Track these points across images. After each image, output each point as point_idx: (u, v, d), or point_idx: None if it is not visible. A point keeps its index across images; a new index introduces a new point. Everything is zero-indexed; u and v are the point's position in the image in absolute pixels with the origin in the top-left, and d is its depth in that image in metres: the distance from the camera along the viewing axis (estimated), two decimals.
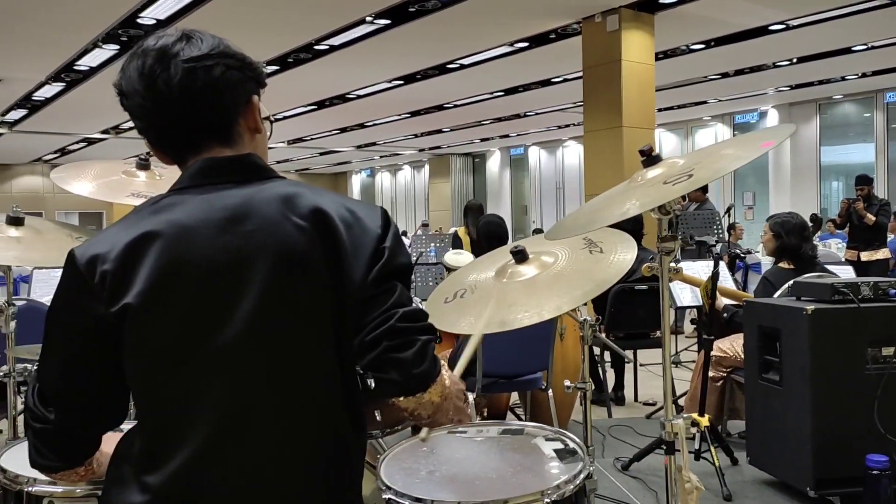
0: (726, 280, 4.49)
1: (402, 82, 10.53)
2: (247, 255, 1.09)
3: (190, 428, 1.07)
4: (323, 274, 1.11)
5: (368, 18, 7.42)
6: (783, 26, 8.14)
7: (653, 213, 1.48)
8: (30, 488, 1.46)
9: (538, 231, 14.35)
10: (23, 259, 1.80)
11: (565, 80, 10.54)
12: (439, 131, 15.90)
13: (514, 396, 4.34)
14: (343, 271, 1.11)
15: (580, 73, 7.88)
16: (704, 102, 13.27)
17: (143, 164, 2.01)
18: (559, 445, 1.63)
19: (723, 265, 4.04)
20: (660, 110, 11.13)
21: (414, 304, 1.16)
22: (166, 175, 2.03)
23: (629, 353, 4.90)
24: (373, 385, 1.14)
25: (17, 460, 1.57)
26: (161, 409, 1.10)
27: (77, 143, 15.69)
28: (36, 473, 1.49)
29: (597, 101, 7.61)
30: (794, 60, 10.04)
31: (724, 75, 10.84)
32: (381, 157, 21.39)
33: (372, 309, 1.12)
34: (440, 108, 12.78)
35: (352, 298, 1.11)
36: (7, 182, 19.74)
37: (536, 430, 1.73)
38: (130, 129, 13.26)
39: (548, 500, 1.40)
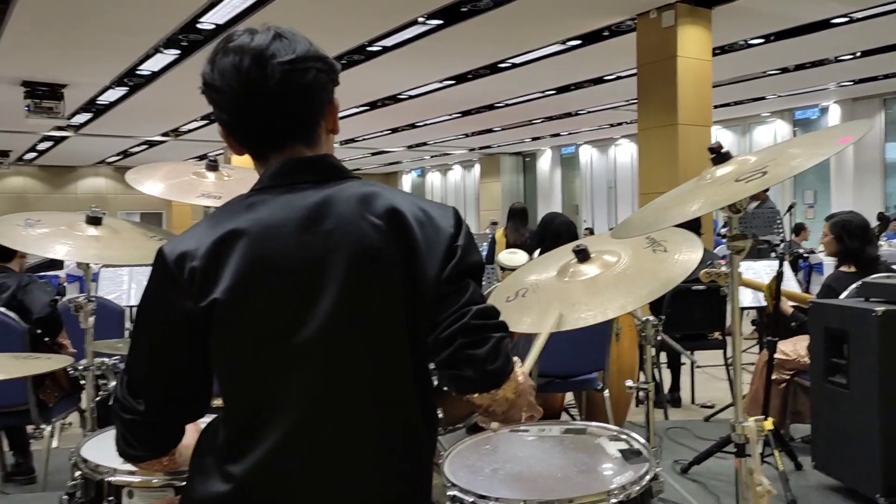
0: (789, 281, 4.38)
1: (453, 82, 10.56)
2: (325, 253, 1.12)
3: (272, 420, 1.10)
4: (398, 272, 1.13)
5: (420, 19, 7.47)
6: (846, 19, 7.88)
7: (722, 211, 1.46)
8: (110, 478, 1.52)
9: (590, 231, 14.20)
10: (102, 257, 1.88)
11: (618, 78, 10.41)
12: (490, 131, 15.88)
13: (569, 396, 4.32)
14: (417, 270, 1.13)
15: (634, 71, 7.78)
16: (763, 98, 12.95)
17: (212, 166, 2.07)
18: (624, 445, 1.62)
19: (786, 265, 3.93)
20: (716, 107, 10.90)
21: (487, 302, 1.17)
22: (234, 176, 2.08)
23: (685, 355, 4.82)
24: (436, 382, 1.16)
25: (97, 450, 1.64)
26: (244, 402, 1.13)
27: (138, 145, 16.19)
28: (116, 463, 1.55)
29: (651, 98, 7.49)
30: (858, 54, 9.71)
31: (784, 70, 10.55)
32: (431, 156, 21.48)
33: (446, 307, 1.14)
34: (491, 107, 12.78)
35: (425, 296, 1.14)
36: (72, 183, 20.50)
37: (600, 430, 1.72)
38: (189, 131, 13.65)
39: (614, 501, 1.39)
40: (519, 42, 8.53)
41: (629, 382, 1.91)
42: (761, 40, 8.70)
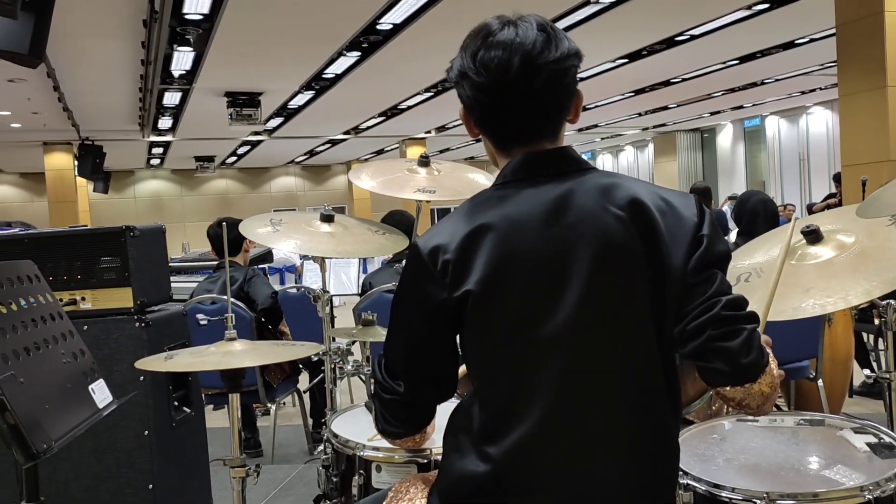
0: None
1: (626, 60, 10.23)
2: (570, 246, 1.14)
3: (526, 406, 1.15)
4: (642, 263, 1.14)
5: None
6: None
7: None
8: (360, 453, 1.65)
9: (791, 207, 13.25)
10: (337, 251, 2.05)
11: (812, 41, 9.57)
12: (664, 108, 15.22)
13: None
14: (661, 260, 1.13)
15: (831, 31, 7.12)
16: None
17: (424, 162, 2.18)
18: (871, 439, 1.51)
19: None
20: None
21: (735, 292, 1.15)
22: (444, 171, 2.18)
23: None
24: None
25: (345, 426, 1.79)
26: (498, 388, 1.18)
27: (322, 144, 17.27)
28: (363, 439, 1.69)
29: (854, 60, 6.79)
30: None
31: None
32: (602, 138, 20.97)
33: (693, 297, 1.13)
34: (666, 83, 12.23)
35: (671, 287, 1.13)
36: (267, 183, 22.30)
37: (841, 422, 1.62)
38: (368, 128, 14.33)
39: (869, 497, 1.30)
40: (699, 12, 8.08)
41: (867, 371, 1.77)
42: None
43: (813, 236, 1.68)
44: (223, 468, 1.74)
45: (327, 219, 2.08)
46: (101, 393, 1.61)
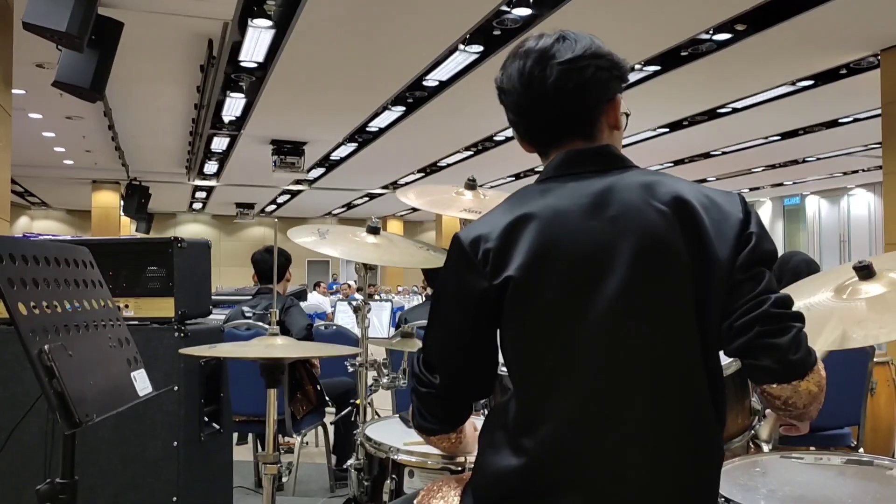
0: None
1: (666, 130, 10.31)
2: (611, 238, 1.15)
3: (561, 397, 1.14)
4: (683, 258, 1.14)
5: (637, 66, 7.42)
6: None
7: None
8: (394, 456, 1.64)
9: None
10: (383, 259, 2.09)
11: (856, 121, 9.57)
12: (704, 181, 15.24)
13: None
14: (706, 255, 1.14)
15: (875, 112, 7.13)
16: None
17: (471, 185, 2.22)
18: None
19: None
20: None
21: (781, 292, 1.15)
22: (490, 196, 2.22)
23: None
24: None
25: (380, 432, 1.78)
26: (535, 378, 1.17)
27: (361, 197, 17.56)
28: (398, 444, 1.68)
29: None
30: None
31: None
32: None
33: (741, 294, 1.13)
34: (706, 155, 12.28)
35: (716, 282, 1.13)
36: None
37: (891, 462, 1.56)
38: (406, 184, 14.55)
39: None
40: (743, 85, 8.16)
41: None
42: None
43: (865, 272, 1.65)
44: (245, 496, 1.73)
45: (373, 231, 2.12)
46: (141, 382, 1.62)
